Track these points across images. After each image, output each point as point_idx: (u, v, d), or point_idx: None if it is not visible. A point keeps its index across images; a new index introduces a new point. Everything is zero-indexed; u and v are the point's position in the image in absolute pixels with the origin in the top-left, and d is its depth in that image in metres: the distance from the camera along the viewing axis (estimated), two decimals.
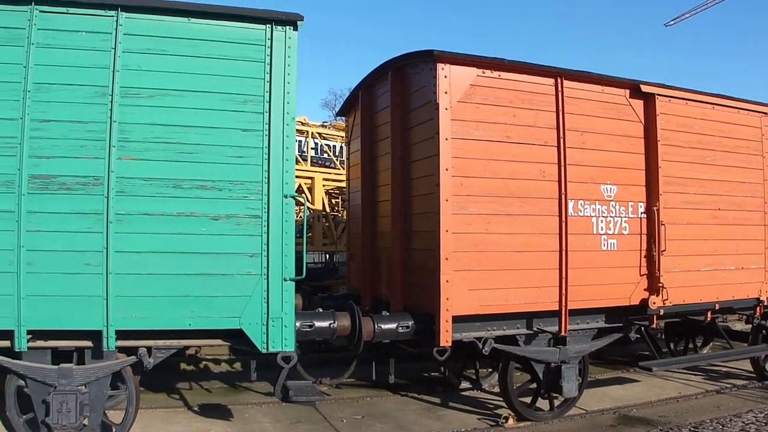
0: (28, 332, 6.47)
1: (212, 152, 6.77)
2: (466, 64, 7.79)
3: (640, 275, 8.76)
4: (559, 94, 8.24)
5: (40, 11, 6.61)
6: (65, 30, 6.66)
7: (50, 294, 6.47)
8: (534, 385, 8.61)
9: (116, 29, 6.70)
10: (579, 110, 8.37)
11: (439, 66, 7.64)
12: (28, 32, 6.57)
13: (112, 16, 6.72)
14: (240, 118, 6.84)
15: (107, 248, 6.53)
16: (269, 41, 6.95)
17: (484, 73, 7.87)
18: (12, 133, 6.47)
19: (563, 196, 8.18)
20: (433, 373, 10.77)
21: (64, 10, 6.67)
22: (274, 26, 6.97)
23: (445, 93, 7.63)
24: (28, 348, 6.52)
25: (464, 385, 10.18)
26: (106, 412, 7.04)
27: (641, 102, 8.88)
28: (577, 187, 8.31)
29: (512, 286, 7.89)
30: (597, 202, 8.47)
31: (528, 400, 8.67)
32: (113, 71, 6.64)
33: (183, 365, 10.78)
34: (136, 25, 6.76)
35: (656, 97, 8.85)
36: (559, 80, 8.27)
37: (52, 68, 6.59)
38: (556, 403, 8.61)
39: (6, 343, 6.51)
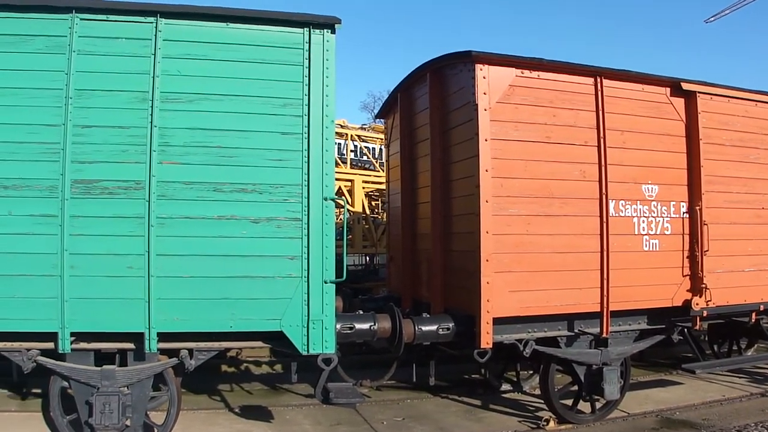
0: (72, 334, 6.59)
1: (252, 156, 6.81)
2: (504, 64, 7.75)
3: (683, 276, 8.62)
4: (599, 93, 8.16)
5: (81, 19, 6.74)
6: (105, 37, 6.78)
7: (93, 297, 6.57)
8: (575, 388, 8.53)
9: (156, 35, 6.79)
10: (619, 109, 8.27)
11: (478, 67, 7.61)
12: (70, 40, 6.69)
13: (152, 22, 6.81)
14: (279, 121, 6.87)
15: (149, 251, 6.61)
16: (307, 44, 6.97)
17: (522, 73, 7.82)
18: (55, 138, 6.59)
19: (604, 197, 8.09)
20: (473, 375, 10.69)
21: (104, 17, 6.79)
22: (312, 29, 6.99)
23: (484, 94, 7.59)
24: (72, 350, 6.64)
25: (505, 387, 10.08)
26: (148, 413, 7.12)
27: (682, 100, 8.74)
28: (618, 187, 8.21)
29: (553, 288, 7.82)
30: (638, 202, 8.36)
31: (569, 402, 8.58)
32: (153, 77, 6.73)
33: (224, 367, 10.85)
34: (175, 30, 6.84)
35: (697, 94, 8.71)
36: (598, 79, 8.18)
37: (93, 75, 6.70)
38: (598, 405, 8.50)
39: (50, 345, 6.63)
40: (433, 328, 7.93)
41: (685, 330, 9.25)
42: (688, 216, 8.67)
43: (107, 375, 6.73)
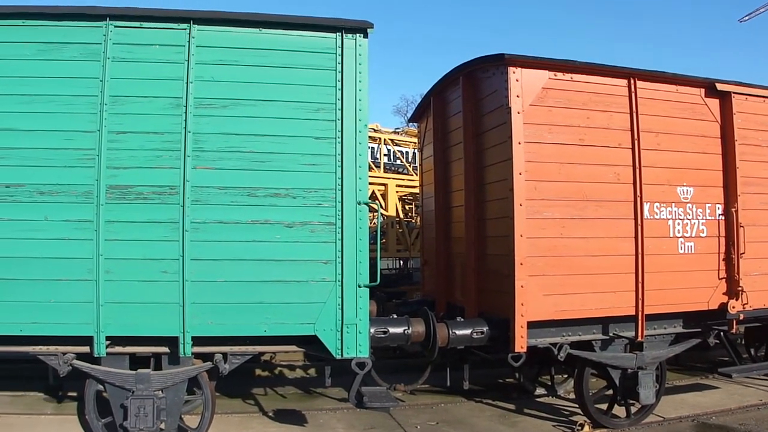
0: (107, 338, 6.65)
1: (286, 160, 6.84)
2: (537, 67, 7.71)
3: (719, 279, 8.49)
4: (633, 95, 8.09)
5: (115, 26, 6.83)
6: (139, 44, 6.85)
7: (128, 301, 6.63)
8: (610, 392, 8.44)
9: (189, 41, 6.85)
10: (653, 111, 8.19)
11: (511, 69, 7.58)
12: (104, 47, 6.78)
13: (185, 28, 6.87)
14: (312, 126, 6.89)
15: (183, 256, 6.65)
16: (340, 49, 6.98)
17: (556, 75, 7.78)
18: (90, 145, 6.68)
19: (638, 199, 8.01)
20: (507, 380, 10.63)
21: (137, 24, 6.87)
22: (344, 34, 7.00)
23: (517, 96, 7.56)
24: (107, 353, 6.71)
25: (539, 391, 10.02)
26: (183, 416, 7.21)
27: (717, 101, 8.62)
28: (652, 189, 8.12)
29: (587, 291, 7.76)
30: (673, 204, 8.26)
31: (604, 406, 8.49)
32: (187, 83, 6.78)
33: (258, 371, 10.89)
34: (208, 36, 6.90)
35: (732, 95, 8.59)
36: (632, 81, 8.11)
37: (127, 81, 6.78)
38: (633, 410, 8.41)
39: (85, 349, 6.71)
40: (467, 332, 7.91)
41: (722, 333, 9.11)
42: (723, 218, 8.54)
43: (142, 378, 6.77)
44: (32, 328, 6.58)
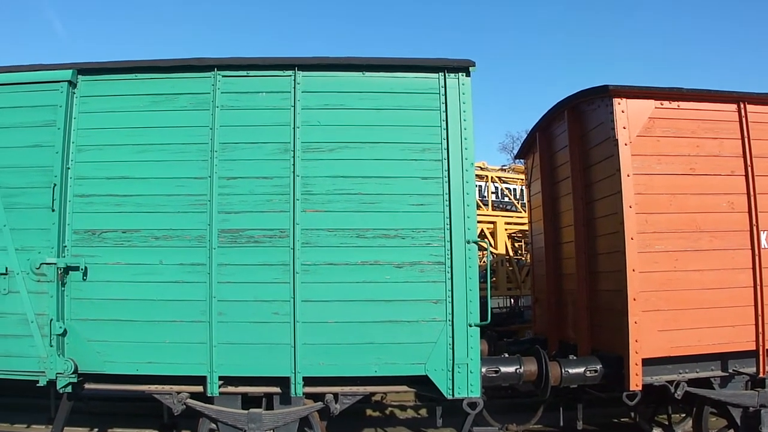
0: (220, 378, 6.79)
1: (394, 201, 6.87)
2: (643, 96, 7.59)
3: None
4: (743, 119, 7.84)
5: (223, 76, 7.08)
6: (246, 92, 7.08)
7: (240, 342, 6.77)
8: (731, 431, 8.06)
9: (294, 87, 7.04)
10: (766, 135, 7.89)
11: (616, 101, 7.50)
12: (213, 96, 7.05)
13: (290, 75, 7.06)
14: (419, 166, 6.91)
15: (294, 297, 6.75)
16: (443, 89, 7.02)
17: (662, 104, 7.63)
18: (201, 191, 6.91)
19: (755, 228, 7.71)
20: (623, 419, 10.25)
21: (244, 73, 7.10)
22: (446, 74, 7.04)
23: (624, 128, 7.45)
24: (220, 393, 6.84)
25: (656, 431, 9.63)
26: None
27: None
28: None
29: (704, 326, 7.48)
30: None
31: None
32: (294, 128, 6.95)
33: (369, 411, 10.86)
34: (312, 82, 7.06)
35: None
36: (741, 105, 7.86)
37: (235, 128, 7.00)
38: None
39: (199, 389, 6.88)
40: (580, 370, 7.73)
41: None
42: None
43: (254, 418, 6.88)
44: (148, 367, 6.80)
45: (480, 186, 18.12)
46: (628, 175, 7.40)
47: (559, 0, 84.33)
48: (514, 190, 19.56)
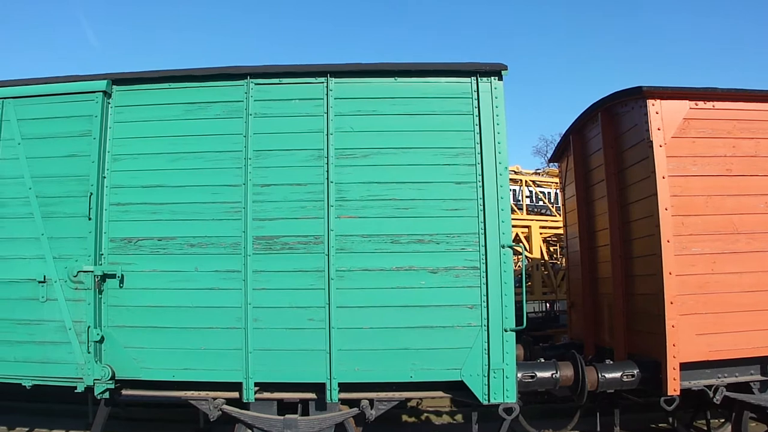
0: (256, 384, 6.83)
1: (428, 206, 6.86)
2: (677, 97, 7.50)
3: None
4: None
5: (255, 84, 7.13)
6: (279, 99, 7.12)
7: (275, 348, 6.80)
8: None
9: (327, 94, 7.06)
10: None
11: (650, 102, 7.43)
12: (246, 104, 7.10)
13: (322, 82, 7.09)
14: (452, 171, 6.90)
15: (329, 303, 6.76)
16: (475, 93, 7.00)
17: (697, 105, 7.53)
18: (236, 198, 6.95)
19: None
20: (661, 424, 10.10)
21: (276, 81, 7.14)
22: (479, 78, 7.03)
23: (658, 129, 7.38)
24: (255, 399, 6.86)
25: None
26: None
27: None
28: None
29: (743, 329, 7.35)
30: None
31: None
32: (327, 134, 6.97)
33: (404, 416, 10.82)
34: (345, 88, 7.08)
35: None
36: None
37: (269, 135, 7.04)
38: None
39: (235, 395, 6.91)
40: (617, 375, 7.64)
41: None
42: None
43: (290, 424, 6.90)
44: (184, 374, 6.86)
45: (514, 190, 18.12)
46: (663, 177, 7.32)
47: (595, 4, 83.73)
48: (549, 193, 19.55)
